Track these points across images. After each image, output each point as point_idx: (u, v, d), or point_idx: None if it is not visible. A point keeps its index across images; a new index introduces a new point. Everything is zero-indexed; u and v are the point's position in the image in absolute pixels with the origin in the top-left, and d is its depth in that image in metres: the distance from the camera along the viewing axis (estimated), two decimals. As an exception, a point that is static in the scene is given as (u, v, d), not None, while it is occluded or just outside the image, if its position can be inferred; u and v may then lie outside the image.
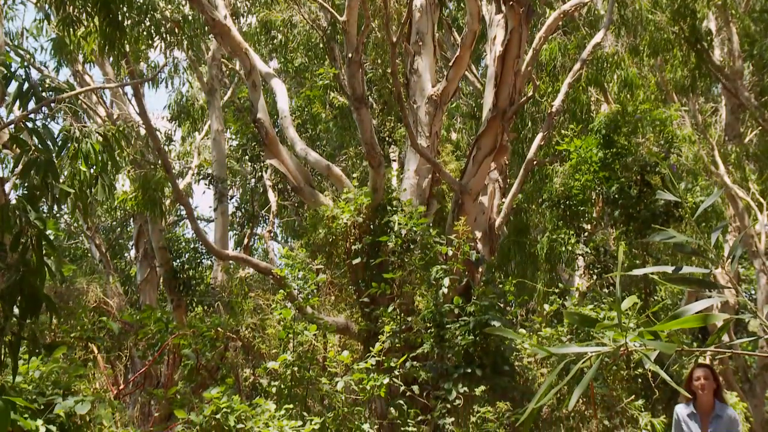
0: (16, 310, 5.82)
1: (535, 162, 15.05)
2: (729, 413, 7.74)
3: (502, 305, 11.78)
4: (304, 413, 9.32)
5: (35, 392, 6.84)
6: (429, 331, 11.11)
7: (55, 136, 6.66)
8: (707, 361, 14.68)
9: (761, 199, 18.57)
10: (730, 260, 3.60)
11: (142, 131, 17.39)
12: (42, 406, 6.66)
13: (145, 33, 13.56)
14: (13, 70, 6.85)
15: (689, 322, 2.96)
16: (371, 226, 12.35)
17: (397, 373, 10.25)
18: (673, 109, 16.57)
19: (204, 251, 20.08)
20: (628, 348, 2.94)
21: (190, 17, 15.78)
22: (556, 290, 13.48)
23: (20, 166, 6.25)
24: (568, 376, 3.07)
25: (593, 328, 3.07)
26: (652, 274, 3.48)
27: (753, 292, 23.52)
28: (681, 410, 7.94)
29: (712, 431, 7.67)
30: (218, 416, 7.59)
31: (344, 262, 12.81)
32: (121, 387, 11.26)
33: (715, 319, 3.07)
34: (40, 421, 6.16)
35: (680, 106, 18.43)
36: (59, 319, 9.90)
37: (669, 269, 3.44)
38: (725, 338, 17.07)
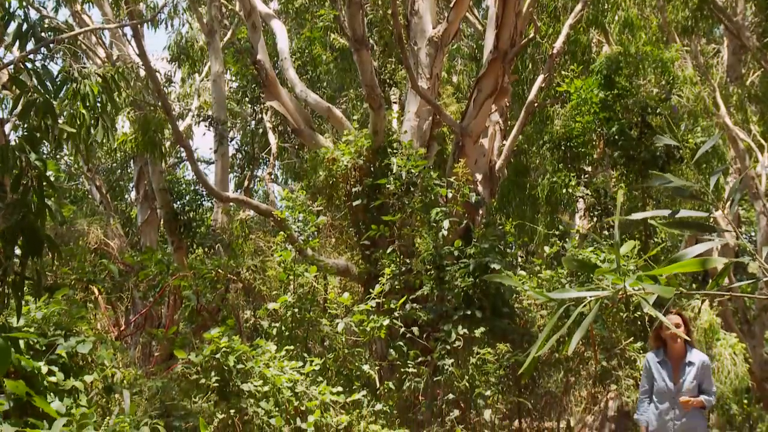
0: (17, 251, 5.83)
1: (535, 104, 14.98)
2: (701, 358, 7.74)
3: (501, 247, 11.80)
4: (305, 354, 9.37)
5: (37, 333, 6.87)
6: (429, 273, 11.15)
7: (55, 77, 6.63)
8: (705, 305, 14.74)
9: (762, 141, 18.52)
10: (730, 203, 3.59)
11: (142, 73, 17.27)
12: (44, 347, 6.69)
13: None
14: (11, 10, 6.80)
15: (688, 266, 2.96)
16: (371, 169, 12.33)
17: (397, 314, 10.31)
18: (675, 50, 16.44)
19: (204, 193, 20.05)
20: (626, 292, 2.95)
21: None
22: (556, 232, 13.50)
23: (20, 107, 6.23)
24: (568, 321, 3.07)
25: (592, 273, 3.08)
26: (652, 218, 3.48)
27: (753, 234, 23.57)
28: (651, 358, 7.87)
29: (684, 378, 7.64)
30: (218, 356, 7.63)
31: (344, 204, 12.81)
32: (122, 328, 11.32)
33: (714, 263, 3.06)
34: (42, 362, 6.20)
35: (682, 48, 18.29)
36: (61, 259, 9.91)
37: (668, 213, 3.43)
38: (725, 281, 17.12)
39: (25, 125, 6.28)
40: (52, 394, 6.15)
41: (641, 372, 8.17)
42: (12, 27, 6.78)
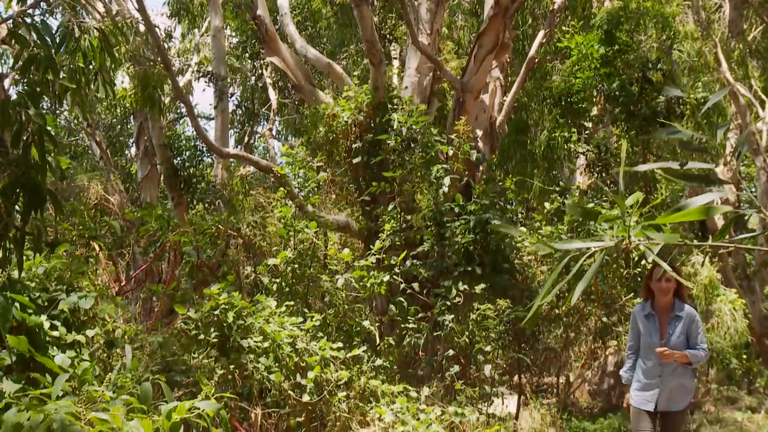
0: (18, 207, 5.83)
1: (536, 60, 14.91)
2: (688, 311, 7.46)
3: (502, 204, 11.80)
4: (305, 310, 9.40)
5: (39, 288, 6.88)
6: (429, 229, 11.15)
7: (54, 32, 6.58)
8: (705, 260, 14.75)
9: (763, 96, 18.44)
10: (734, 156, 3.58)
11: (141, 28, 17.16)
12: (46, 303, 6.70)
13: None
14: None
15: (691, 214, 2.95)
16: (372, 125, 12.30)
17: (397, 270, 10.32)
18: (676, 5, 16.35)
19: (204, 149, 20.01)
20: (630, 242, 2.94)
21: None
22: (556, 188, 13.49)
23: (20, 63, 6.19)
24: (570, 274, 3.08)
25: (595, 221, 3.07)
26: (655, 169, 3.46)
27: (753, 189, 23.57)
28: (638, 311, 7.61)
29: (672, 332, 7.37)
30: (217, 312, 7.65)
31: (345, 160, 12.79)
32: (123, 284, 11.34)
33: (717, 211, 3.05)
34: (44, 317, 6.21)
35: (683, 2, 18.16)
36: (62, 215, 9.91)
37: (672, 164, 3.41)
38: (726, 236, 17.13)
39: (25, 80, 6.25)
40: (55, 348, 6.17)
41: (630, 325, 7.85)
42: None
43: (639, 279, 11.95)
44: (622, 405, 8.08)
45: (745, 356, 17.36)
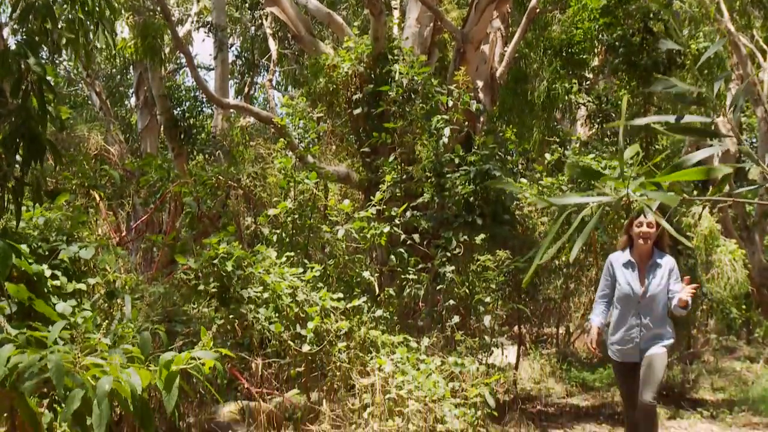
0: (18, 157, 5.82)
1: (537, 10, 14.79)
2: (668, 260, 7.26)
3: (502, 155, 11.77)
4: (305, 261, 9.41)
5: (39, 238, 6.90)
6: (429, 180, 11.13)
7: (51, -21, 6.52)
8: (705, 211, 14.75)
9: (765, 47, 18.36)
10: (732, 108, 3.56)
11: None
12: (47, 253, 6.72)
13: None
14: None
15: (692, 174, 2.93)
16: (372, 76, 12.24)
17: (397, 222, 10.33)
18: (678, -47, 16.21)
19: (204, 100, 19.97)
20: (629, 198, 2.93)
21: None
22: (557, 140, 13.45)
23: (18, 11, 6.15)
24: (570, 228, 3.07)
25: (595, 180, 3.06)
26: (654, 123, 3.44)
27: (754, 140, 23.51)
28: (616, 258, 7.39)
29: (651, 280, 7.20)
30: (216, 262, 7.66)
31: (345, 111, 12.75)
32: (123, 234, 11.36)
33: (718, 171, 3.03)
34: (45, 266, 6.23)
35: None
36: (62, 165, 9.90)
37: (671, 119, 3.39)
38: (726, 187, 17.12)
39: (24, 29, 6.22)
40: (56, 297, 6.20)
41: (602, 273, 7.60)
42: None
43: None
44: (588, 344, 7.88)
45: (744, 306, 17.43)
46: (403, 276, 10.16)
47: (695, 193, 15.69)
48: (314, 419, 7.35)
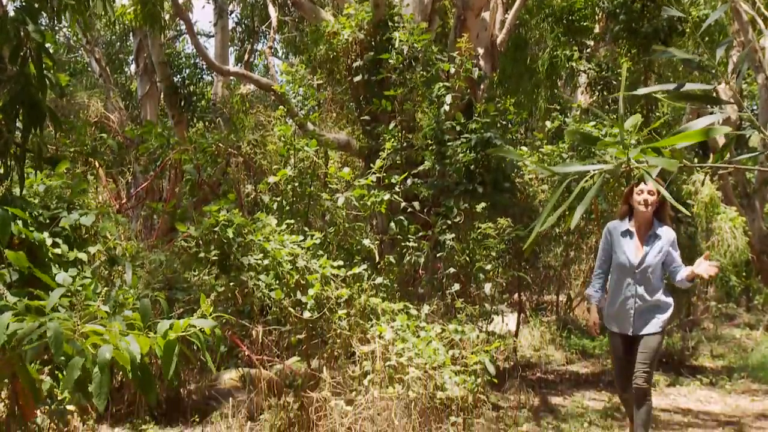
0: (18, 124, 5.81)
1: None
2: (667, 232, 7.07)
3: (503, 122, 11.74)
4: (305, 228, 9.42)
5: (40, 206, 6.90)
6: (430, 148, 11.11)
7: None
8: (705, 178, 14.73)
9: (766, 13, 18.26)
10: (734, 75, 3.54)
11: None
12: (47, 220, 6.72)
13: None
14: None
15: (691, 136, 2.92)
16: (372, 43, 12.18)
17: (397, 189, 10.31)
18: None
19: (204, 67, 19.93)
20: (630, 165, 2.92)
21: None
22: (557, 107, 13.42)
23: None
24: (571, 196, 3.06)
25: (595, 146, 3.05)
26: (655, 92, 3.42)
27: (755, 107, 23.47)
28: (614, 226, 7.22)
29: (649, 251, 7.03)
30: (217, 230, 7.66)
31: (345, 78, 12.71)
32: (123, 201, 11.36)
33: (717, 132, 3.02)
34: (46, 233, 6.23)
35: None
36: (62, 132, 9.88)
37: (672, 86, 3.37)
38: (726, 154, 17.09)
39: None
40: (56, 265, 6.21)
41: (600, 242, 7.41)
42: None
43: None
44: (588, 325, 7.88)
45: (744, 274, 17.47)
46: (403, 243, 10.16)
47: (696, 160, 15.69)
48: (314, 386, 7.37)
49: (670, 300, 7.14)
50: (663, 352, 13.01)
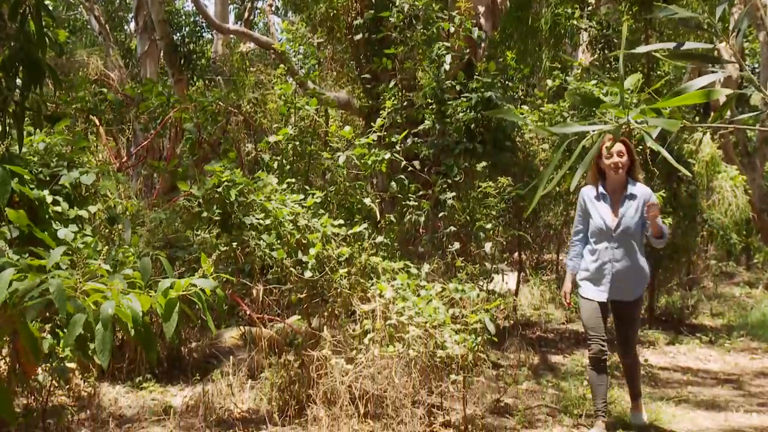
0: (18, 81, 5.79)
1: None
2: (643, 190, 6.87)
3: (504, 81, 11.70)
4: (306, 187, 9.41)
5: (40, 164, 6.89)
6: (431, 107, 11.08)
7: None
8: (706, 138, 14.69)
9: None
10: (735, 33, 3.52)
11: None
12: (48, 178, 6.72)
13: None
14: None
15: (692, 98, 2.91)
16: (373, 1, 12.12)
17: (398, 148, 10.29)
18: None
19: (204, 25, 19.83)
20: (630, 125, 2.92)
21: None
22: (558, 66, 13.36)
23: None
24: (572, 157, 3.06)
25: (595, 107, 3.04)
26: (656, 51, 3.41)
27: (756, 65, 23.38)
28: (587, 192, 7.01)
29: (625, 212, 6.83)
30: (220, 190, 7.65)
31: (345, 37, 12.66)
32: (124, 160, 11.35)
33: (718, 94, 3.01)
34: (46, 192, 6.22)
35: None
36: (61, 90, 9.85)
37: (672, 45, 3.36)
38: (727, 113, 17.05)
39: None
40: (57, 223, 6.21)
41: (576, 210, 7.24)
42: None
43: (641, 156, 11.94)
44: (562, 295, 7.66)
45: (744, 232, 17.49)
46: (403, 203, 10.16)
47: (697, 119, 15.64)
48: (315, 345, 7.41)
49: (648, 269, 7.01)
50: (663, 310, 13.07)
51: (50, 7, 6.12)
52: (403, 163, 10.43)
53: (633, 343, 7.10)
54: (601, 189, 6.93)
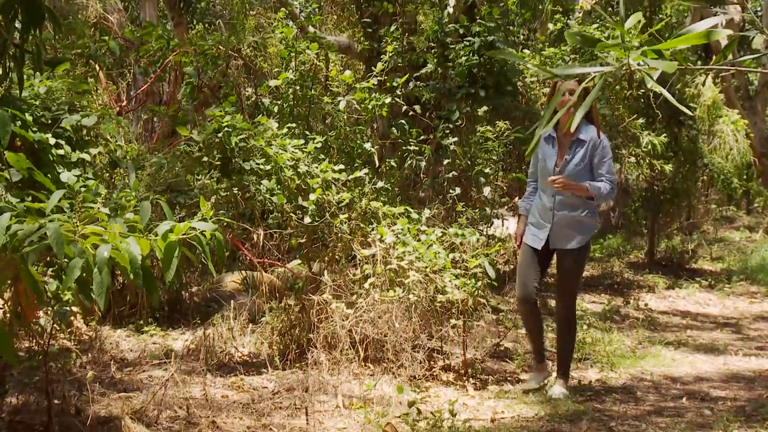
0: (17, 24, 5.75)
1: None
2: (593, 136, 6.40)
3: (506, 25, 11.62)
4: (307, 132, 9.39)
5: (41, 107, 6.87)
6: (432, 51, 11.02)
7: None
8: (707, 80, 14.61)
9: None
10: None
11: None
12: (49, 121, 6.70)
13: None
14: None
15: (692, 39, 2.89)
16: (374, -58, 12.01)
17: (399, 93, 10.25)
18: None
19: (203, -33, 19.62)
20: (630, 67, 2.90)
21: None
22: (560, 9, 13.26)
23: None
24: (572, 98, 3.05)
25: (595, 48, 3.03)
26: (660, -7, 3.40)
27: (759, 9, 23.20)
28: (544, 133, 6.15)
29: (571, 158, 6.48)
30: (220, 135, 7.63)
31: (346, -21, 12.55)
32: (124, 104, 11.32)
33: (719, 35, 2.99)
34: (48, 135, 6.21)
35: None
36: (61, 33, 9.78)
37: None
38: (728, 56, 16.95)
39: None
40: (60, 167, 6.20)
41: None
42: None
43: (642, 100, 11.90)
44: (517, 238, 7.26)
45: (745, 177, 17.50)
46: (404, 147, 10.15)
47: (698, 62, 15.56)
48: (315, 289, 7.44)
49: (593, 221, 6.61)
50: (663, 255, 13.11)
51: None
52: (404, 107, 10.39)
53: (568, 296, 6.71)
54: (552, 131, 6.55)
